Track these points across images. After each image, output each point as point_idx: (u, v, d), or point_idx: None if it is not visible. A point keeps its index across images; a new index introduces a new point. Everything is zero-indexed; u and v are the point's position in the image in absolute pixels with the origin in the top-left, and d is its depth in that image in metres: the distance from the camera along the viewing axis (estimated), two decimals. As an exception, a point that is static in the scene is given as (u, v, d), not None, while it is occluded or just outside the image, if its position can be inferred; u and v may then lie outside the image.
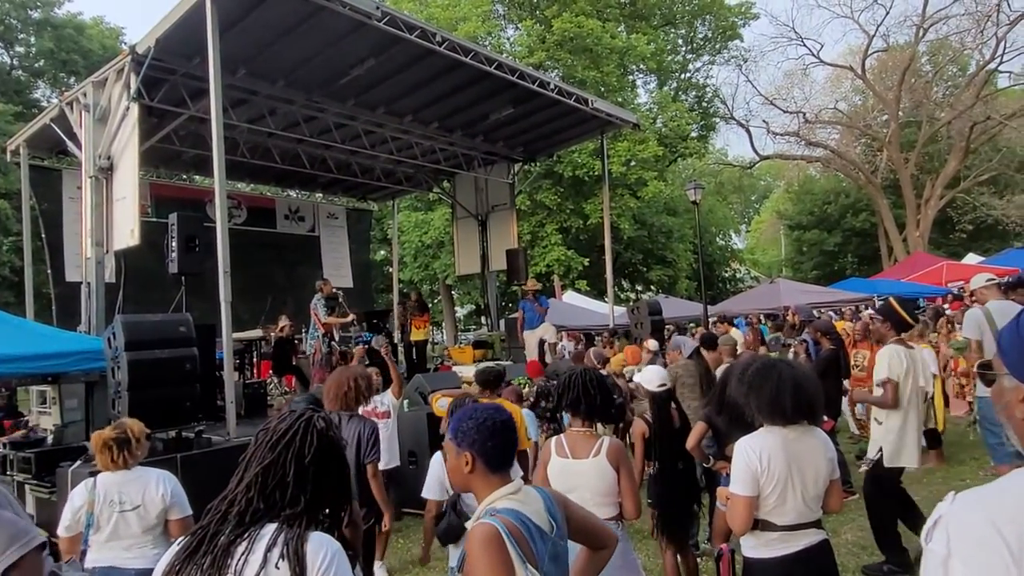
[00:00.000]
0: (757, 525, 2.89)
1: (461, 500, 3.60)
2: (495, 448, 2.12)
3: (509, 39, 27.49)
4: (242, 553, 1.67)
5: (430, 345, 16.68)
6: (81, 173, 9.46)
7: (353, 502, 3.00)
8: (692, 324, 29.43)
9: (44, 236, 11.90)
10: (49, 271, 11.91)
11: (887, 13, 43.63)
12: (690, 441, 4.43)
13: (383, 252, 35.86)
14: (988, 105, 27.22)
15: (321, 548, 1.71)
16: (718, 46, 32.46)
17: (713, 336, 7.32)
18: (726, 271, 39.76)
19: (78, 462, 5.67)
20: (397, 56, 10.30)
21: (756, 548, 2.90)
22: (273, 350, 11.29)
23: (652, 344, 9.60)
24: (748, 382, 3.00)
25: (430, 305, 23.59)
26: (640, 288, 36.61)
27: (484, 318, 23.72)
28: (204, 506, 1.84)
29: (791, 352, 8.66)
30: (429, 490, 3.75)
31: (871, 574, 4.82)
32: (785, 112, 32.85)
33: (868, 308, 16.88)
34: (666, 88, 31.10)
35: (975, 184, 30.73)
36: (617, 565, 2.99)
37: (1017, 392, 1.36)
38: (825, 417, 5.80)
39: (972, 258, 24.08)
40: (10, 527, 1.81)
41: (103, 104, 9.09)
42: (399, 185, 17.19)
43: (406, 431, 7.30)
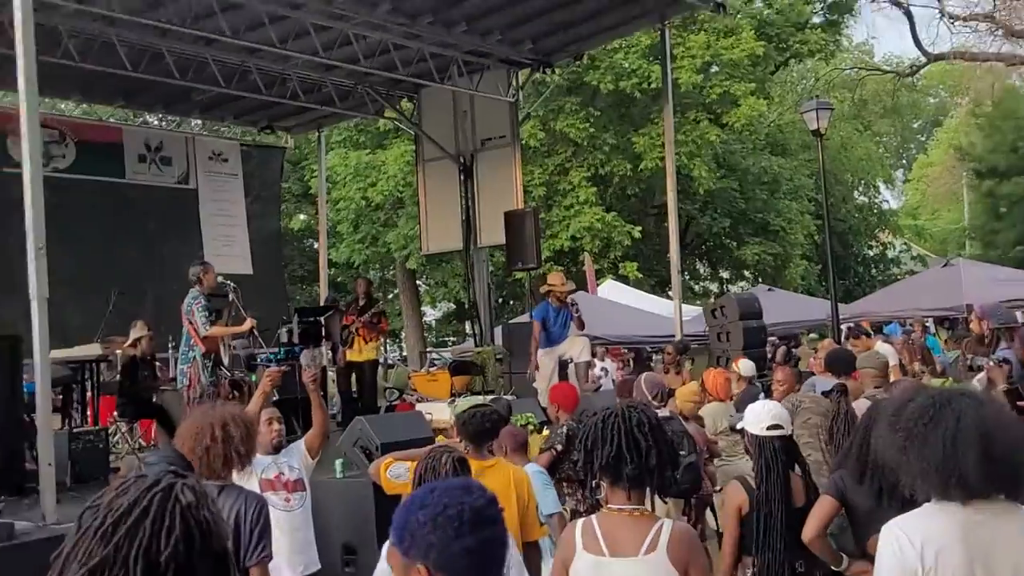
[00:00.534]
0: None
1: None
2: (466, 557, 2.07)
3: None
4: None
5: (381, 368, 16.70)
6: None
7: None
8: (812, 335, 29.46)
9: None
10: None
11: None
12: (808, 528, 4.39)
13: (303, 216, 35.99)
14: None
15: None
16: None
17: (846, 356, 7.29)
18: (870, 246, 39.78)
19: None
20: None
21: None
22: (120, 379, 11.27)
23: (746, 367, 9.59)
24: (906, 430, 2.96)
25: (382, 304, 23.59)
26: (726, 275, 36.66)
27: (470, 324, 23.75)
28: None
29: (978, 379, 8.61)
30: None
31: None
32: (969, -17, 32.82)
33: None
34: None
35: None
36: None
37: None
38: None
39: None
40: None
41: None
42: (329, 105, 17.17)
43: (340, 510, 7.29)
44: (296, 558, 5.50)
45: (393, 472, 5.02)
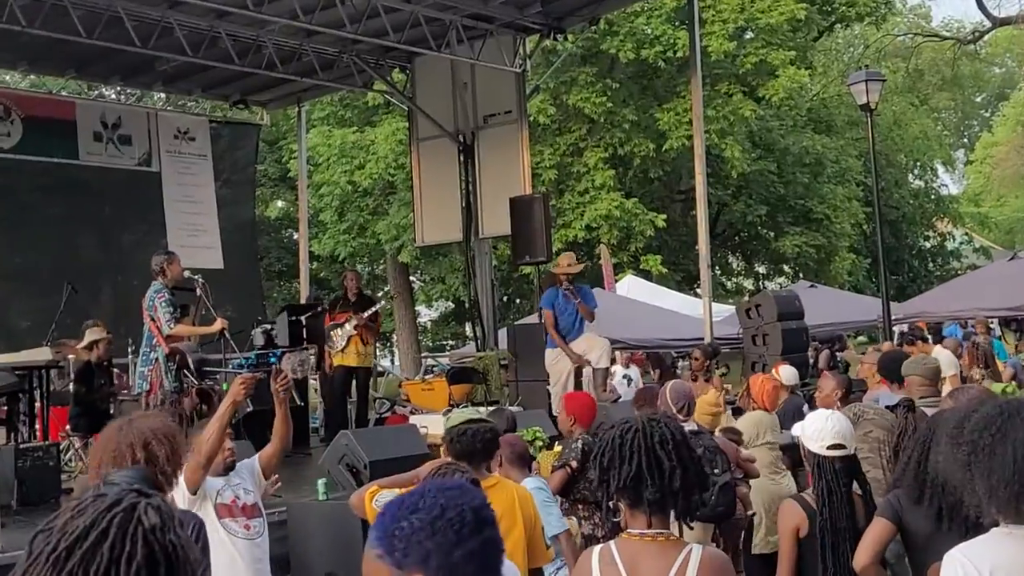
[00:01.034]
0: None
1: None
2: (470, 562, 2.11)
3: None
4: None
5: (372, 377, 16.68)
6: None
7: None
8: (861, 338, 29.38)
9: None
10: None
11: None
12: (861, 554, 4.41)
13: (281, 203, 35.99)
14: None
15: None
16: None
17: (898, 359, 7.26)
18: (926, 237, 39.73)
19: None
20: None
21: None
22: (74, 387, 11.27)
23: (788, 374, 9.57)
24: (970, 444, 2.96)
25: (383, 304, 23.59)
26: (763, 270, 36.60)
27: (470, 326, 23.76)
28: None
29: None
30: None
31: None
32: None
33: None
34: None
35: None
36: None
37: None
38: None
39: None
40: None
41: None
42: (310, 77, 17.16)
43: (322, 536, 7.29)
44: None
45: (381, 502, 4.99)
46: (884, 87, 18.99)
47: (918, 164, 40.47)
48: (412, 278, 33.33)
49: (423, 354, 30.95)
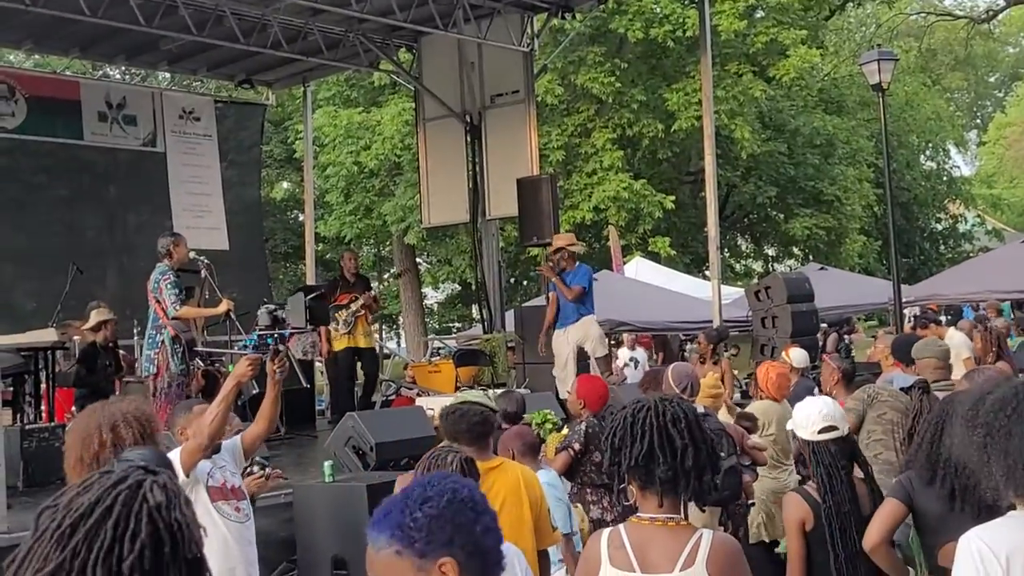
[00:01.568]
0: None
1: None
2: (489, 536, 2.17)
3: None
4: None
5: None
6: None
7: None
8: (871, 321, 29.30)
9: None
10: None
11: None
12: (871, 535, 4.43)
13: (287, 184, 36.00)
14: None
15: None
16: None
17: (911, 341, 7.25)
18: (938, 219, 39.63)
19: None
20: None
21: None
22: (79, 368, 11.31)
23: (798, 357, 9.57)
24: (986, 425, 2.95)
25: (376, 285, 23.57)
26: (772, 252, 36.54)
27: (477, 308, 23.75)
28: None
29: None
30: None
31: None
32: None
33: None
34: None
35: None
36: None
37: None
38: None
39: None
40: None
41: None
42: (315, 56, 17.13)
43: (328, 519, 7.30)
44: (255, 572, 5.44)
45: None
46: (896, 67, 18.90)
47: (930, 145, 40.37)
48: (419, 260, 33.35)
49: (429, 336, 30.99)
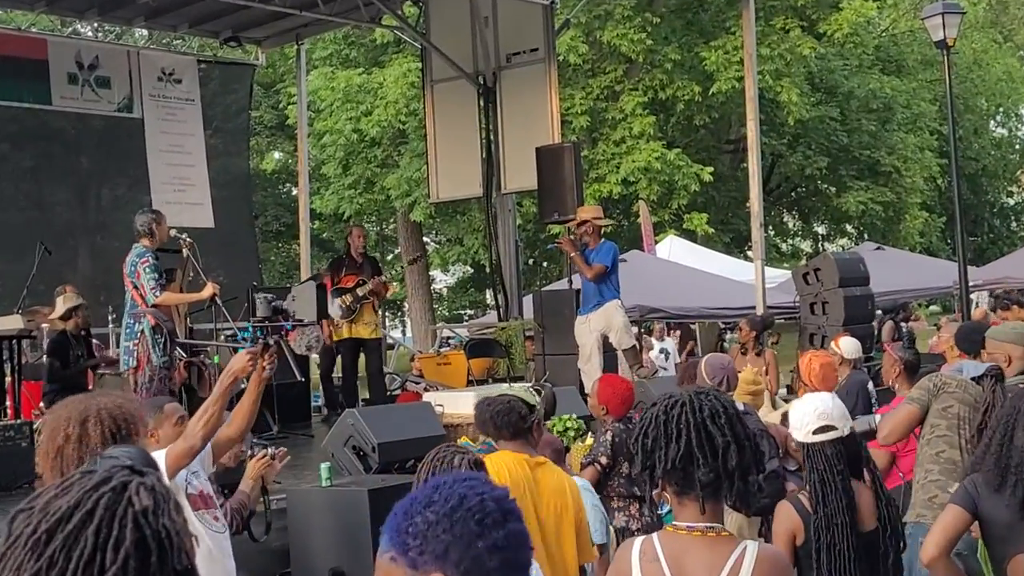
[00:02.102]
0: None
1: None
2: (494, 556, 2.10)
3: None
4: None
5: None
6: None
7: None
8: (933, 307, 29.18)
9: None
10: None
11: None
12: (929, 546, 4.43)
13: (279, 155, 36.01)
14: None
15: None
16: None
17: (978, 329, 7.22)
18: (1010, 193, 39.48)
19: None
20: None
21: None
22: (48, 360, 11.35)
23: (849, 347, 9.55)
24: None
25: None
26: (823, 230, 36.43)
27: (491, 293, 23.81)
28: None
29: None
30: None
31: None
32: None
33: None
34: None
35: None
36: None
37: None
38: None
39: None
40: None
41: None
42: (310, 10, 17.11)
43: (326, 527, 7.34)
44: None
45: None
46: (963, 21, 18.78)
47: (1001, 110, 40.19)
48: (426, 239, 33.40)
49: (438, 324, 31.02)
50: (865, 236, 31.09)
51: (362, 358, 13.78)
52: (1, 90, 16.21)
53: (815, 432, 4.60)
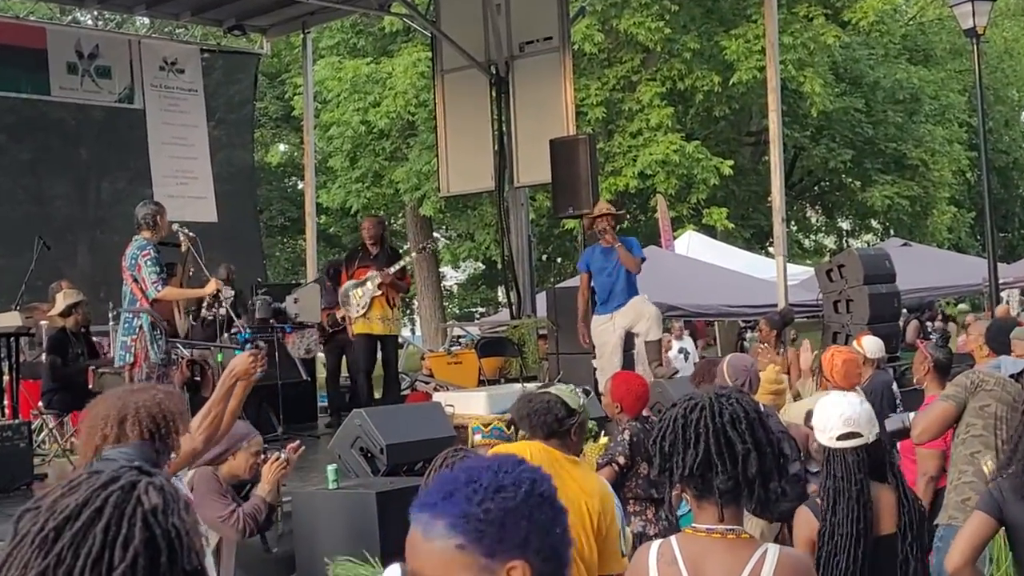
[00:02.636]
0: None
1: None
2: (565, 538, 2.13)
3: None
4: None
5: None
6: None
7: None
8: (962, 305, 29.17)
9: None
10: None
11: None
12: (954, 555, 4.38)
13: (284, 147, 36.00)
14: None
15: None
16: None
17: (1006, 327, 7.24)
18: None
19: None
20: None
21: None
22: (47, 358, 11.39)
23: (872, 346, 9.55)
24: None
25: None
26: (847, 226, 36.34)
27: (503, 290, 23.82)
28: None
29: None
30: None
31: None
32: None
33: None
34: None
35: None
36: None
37: None
38: None
39: None
40: None
41: None
42: (317, -2, 17.16)
43: (332, 531, 7.37)
44: None
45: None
46: (993, 9, 18.73)
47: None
48: (436, 234, 33.38)
49: (449, 322, 31.01)
50: (891, 232, 31.00)
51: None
52: (-3, 81, 16.28)
53: (839, 438, 4.59)
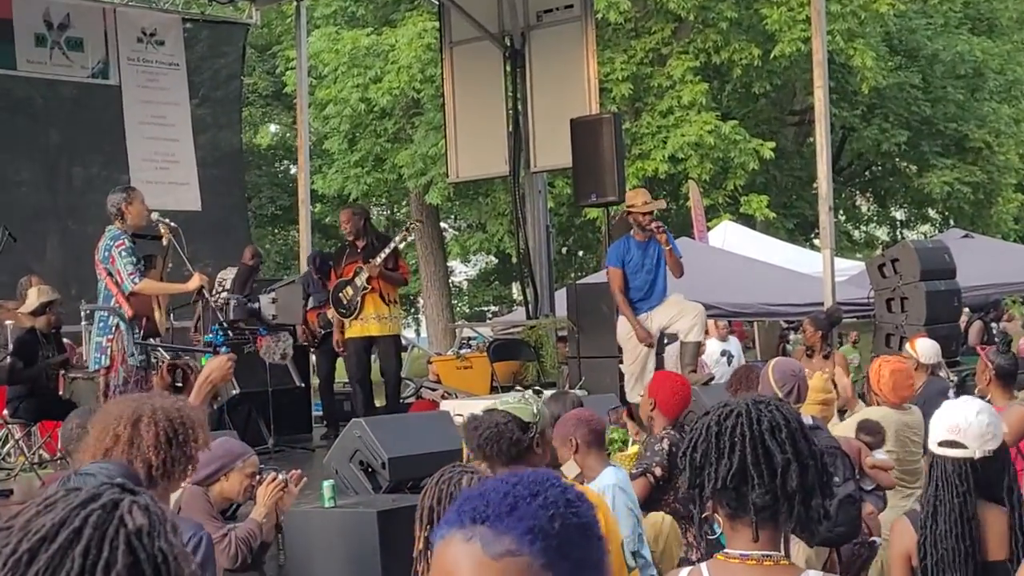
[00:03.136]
0: None
1: None
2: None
3: None
4: None
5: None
6: None
7: None
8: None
9: None
10: None
11: None
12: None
13: (276, 128, 36.04)
14: None
15: None
16: None
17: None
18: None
19: None
20: None
21: None
22: (12, 361, 11.41)
23: (926, 350, 9.55)
24: None
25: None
26: (901, 215, 36.25)
27: (519, 287, 23.88)
28: None
29: None
30: None
31: None
32: None
33: None
34: None
35: None
36: None
37: None
38: None
39: None
40: None
41: None
42: (311, -38, 17.18)
43: (329, 552, 7.42)
44: None
45: None
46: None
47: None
48: (443, 225, 33.42)
49: (458, 323, 31.07)
50: (951, 222, 30.90)
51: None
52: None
53: (940, 444, 4.60)
